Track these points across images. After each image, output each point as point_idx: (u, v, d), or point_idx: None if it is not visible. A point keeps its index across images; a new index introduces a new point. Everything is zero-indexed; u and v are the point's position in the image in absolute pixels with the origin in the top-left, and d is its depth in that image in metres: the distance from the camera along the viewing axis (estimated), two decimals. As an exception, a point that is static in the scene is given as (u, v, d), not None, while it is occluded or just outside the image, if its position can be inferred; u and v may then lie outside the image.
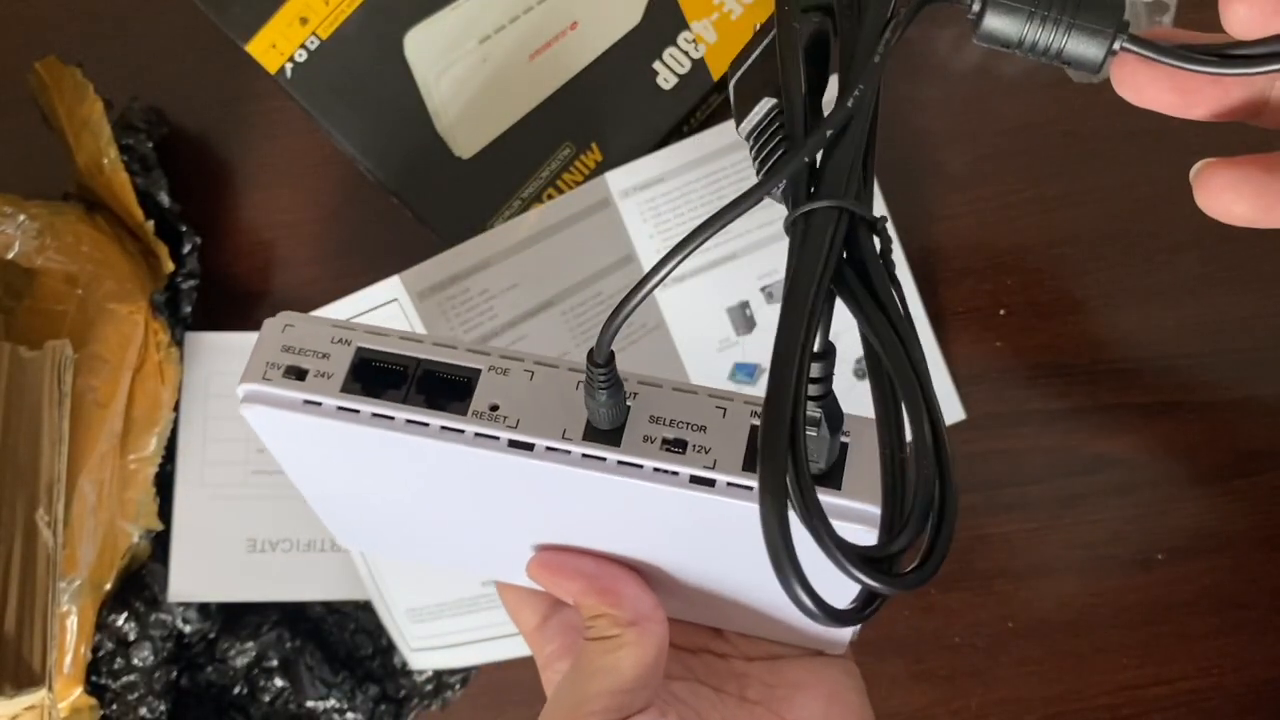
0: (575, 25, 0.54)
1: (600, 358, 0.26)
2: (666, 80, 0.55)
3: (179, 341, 0.54)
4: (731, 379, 0.54)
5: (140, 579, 0.54)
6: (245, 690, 0.55)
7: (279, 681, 0.54)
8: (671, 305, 0.54)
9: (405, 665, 0.55)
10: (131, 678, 0.53)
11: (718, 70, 0.55)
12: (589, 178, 0.54)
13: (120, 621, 0.53)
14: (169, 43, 0.59)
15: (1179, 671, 0.54)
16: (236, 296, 0.58)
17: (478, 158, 0.54)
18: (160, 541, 0.55)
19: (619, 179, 0.53)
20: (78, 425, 0.49)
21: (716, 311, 0.54)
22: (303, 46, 0.53)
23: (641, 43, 0.54)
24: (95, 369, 0.50)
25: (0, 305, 0.51)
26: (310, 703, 0.54)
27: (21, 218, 0.51)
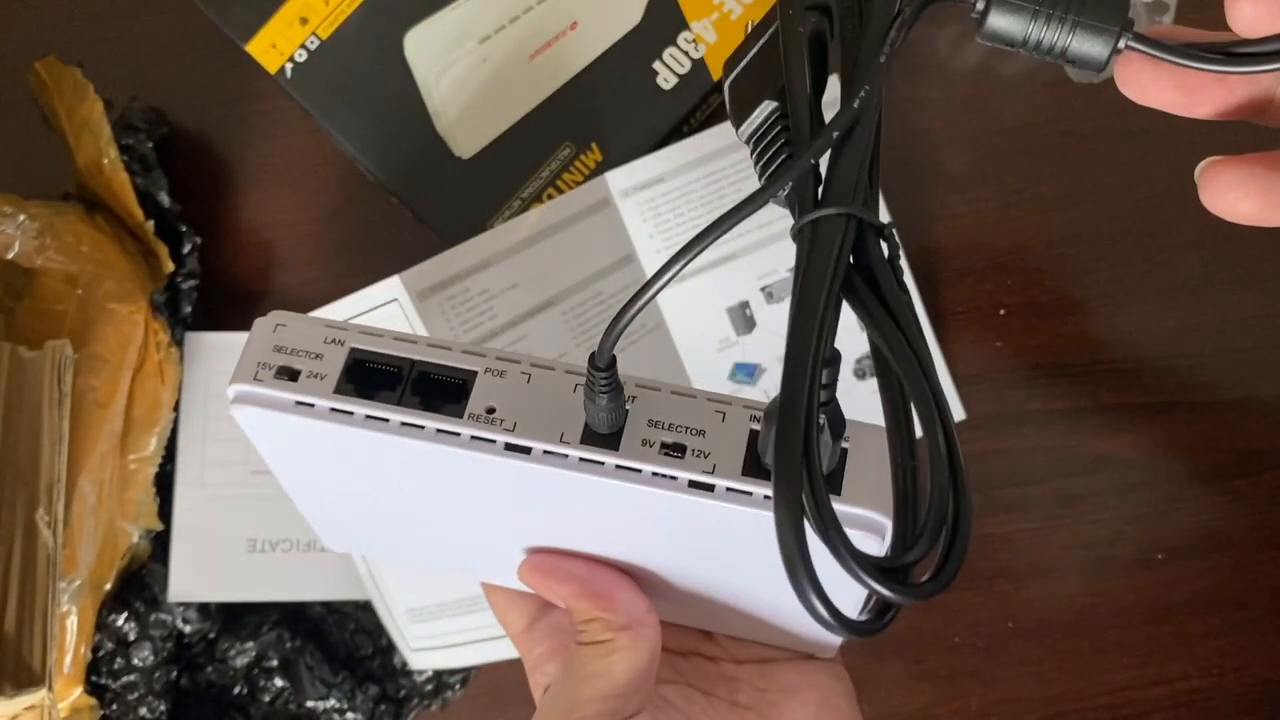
0: (575, 25, 0.54)
1: (602, 362, 0.26)
2: (666, 80, 0.55)
3: (179, 341, 0.54)
4: (731, 379, 0.54)
5: (140, 579, 0.54)
6: (245, 690, 0.55)
7: (279, 681, 0.54)
8: (671, 305, 0.54)
9: (405, 665, 0.55)
10: (131, 678, 0.53)
11: (718, 70, 0.55)
12: (589, 178, 0.54)
13: (120, 621, 0.53)
14: (169, 43, 0.59)
15: (1179, 671, 0.54)
16: (236, 296, 0.58)
17: (478, 158, 0.54)
18: (160, 541, 0.55)
19: (619, 179, 0.53)
20: (78, 425, 0.49)
21: (716, 311, 0.54)
22: (303, 46, 0.53)
23: (641, 43, 0.54)
24: (95, 369, 0.50)
25: (0, 305, 0.51)
26: (310, 703, 0.54)
27: (21, 218, 0.51)
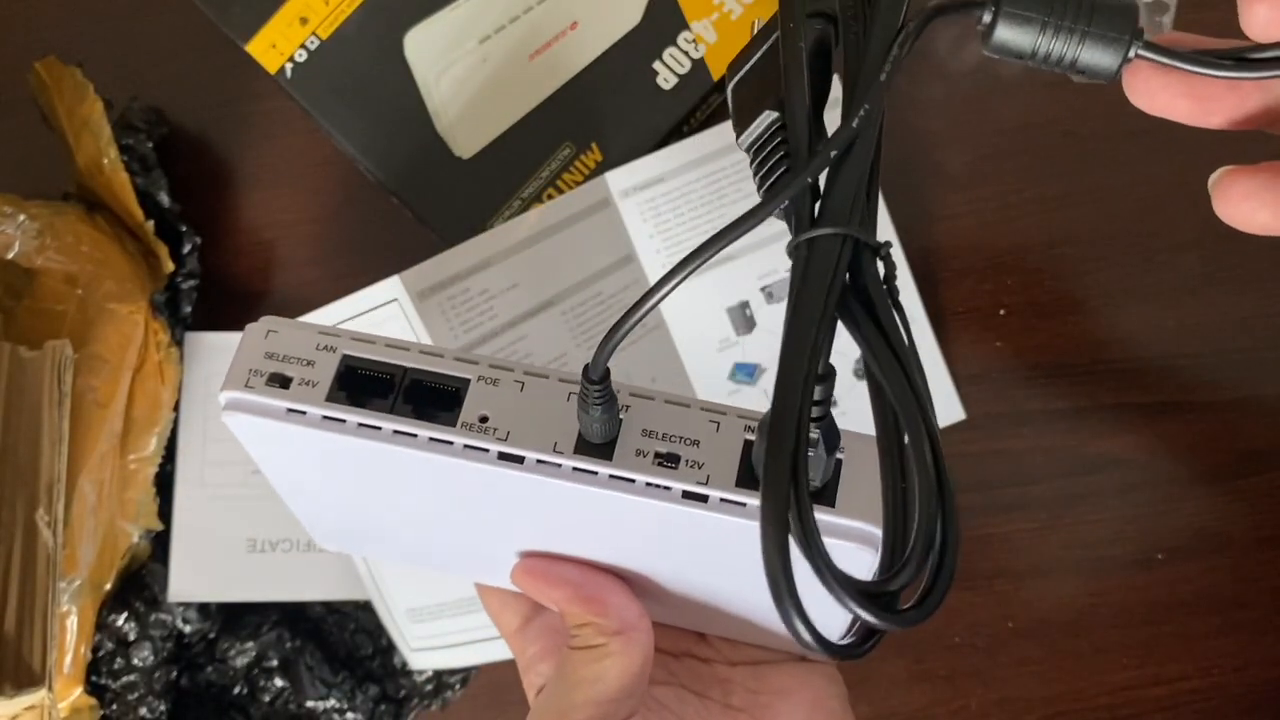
0: (575, 25, 0.54)
1: (596, 375, 0.26)
2: (666, 80, 0.55)
3: (179, 341, 0.54)
4: (731, 379, 0.54)
5: (140, 579, 0.54)
6: (245, 690, 0.55)
7: (279, 681, 0.54)
8: (671, 305, 0.54)
9: (405, 665, 0.55)
10: (131, 678, 0.53)
11: (718, 70, 0.55)
12: (589, 178, 0.54)
13: (120, 621, 0.53)
14: (169, 43, 0.59)
15: (1179, 671, 0.54)
16: (236, 296, 0.58)
17: (478, 158, 0.54)
18: (160, 541, 0.55)
19: (619, 179, 0.53)
20: (78, 425, 0.49)
21: (716, 311, 0.54)
22: (303, 46, 0.53)
23: (641, 43, 0.54)
24: (95, 369, 0.50)
25: (0, 305, 0.51)
26: (310, 703, 0.54)
27: (21, 218, 0.51)
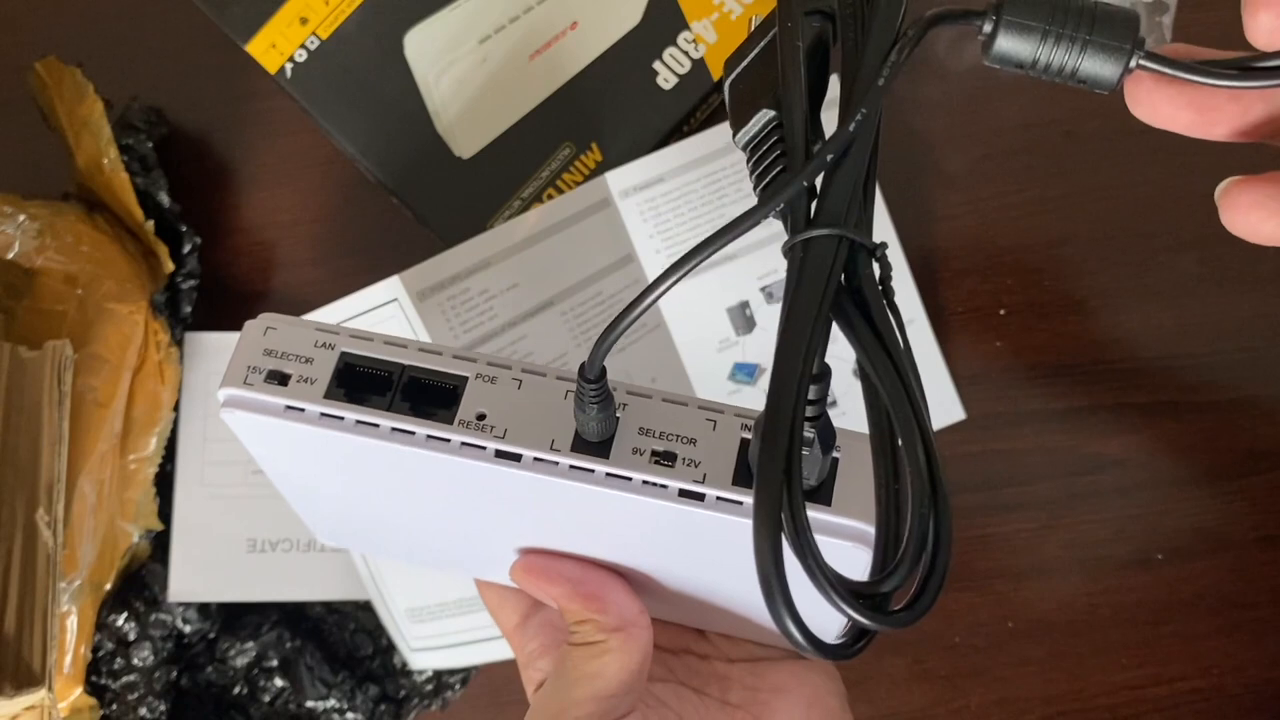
0: (575, 25, 0.54)
1: (592, 374, 0.26)
2: (666, 80, 0.55)
3: (179, 341, 0.54)
4: (731, 379, 0.54)
5: (140, 579, 0.54)
6: (245, 690, 0.55)
7: (279, 681, 0.54)
8: (671, 305, 0.54)
9: (405, 665, 0.55)
10: (131, 678, 0.53)
11: (717, 70, 0.55)
12: (589, 178, 0.54)
13: (120, 621, 0.53)
14: (169, 43, 0.59)
15: (1179, 671, 0.54)
16: (236, 296, 0.58)
17: (478, 158, 0.54)
18: (160, 541, 0.55)
19: (619, 179, 0.53)
20: (78, 425, 0.49)
21: (716, 311, 0.54)
22: (303, 46, 0.53)
23: (641, 43, 0.54)
24: (95, 369, 0.50)
25: (0, 305, 0.51)
26: (310, 703, 0.54)
27: (21, 218, 0.51)
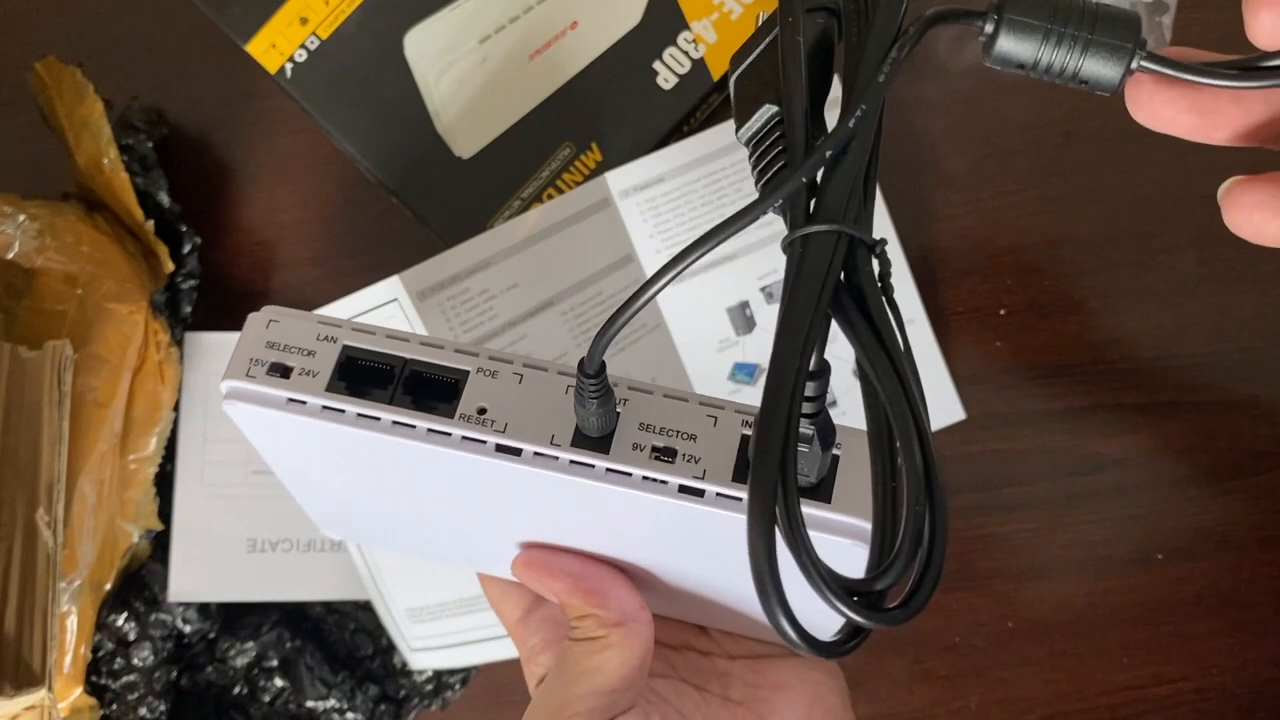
0: (575, 25, 0.54)
1: (591, 369, 0.26)
2: (666, 80, 0.55)
3: (179, 341, 0.54)
4: (731, 379, 0.54)
5: (140, 579, 0.54)
6: (245, 690, 0.55)
7: (279, 681, 0.54)
8: (671, 305, 0.54)
9: (405, 665, 0.55)
10: (131, 678, 0.53)
11: (718, 70, 0.55)
12: (589, 178, 0.54)
13: (120, 621, 0.53)
14: (169, 43, 0.59)
15: (1179, 671, 0.54)
16: (236, 296, 0.58)
17: (478, 158, 0.54)
18: (160, 541, 0.55)
19: (619, 179, 0.53)
20: (78, 425, 0.49)
21: (716, 311, 0.54)
22: (303, 46, 0.53)
23: (641, 43, 0.54)
24: (95, 369, 0.50)
25: (0, 305, 0.51)
26: (310, 703, 0.54)
27: (21, 218, 0.51)
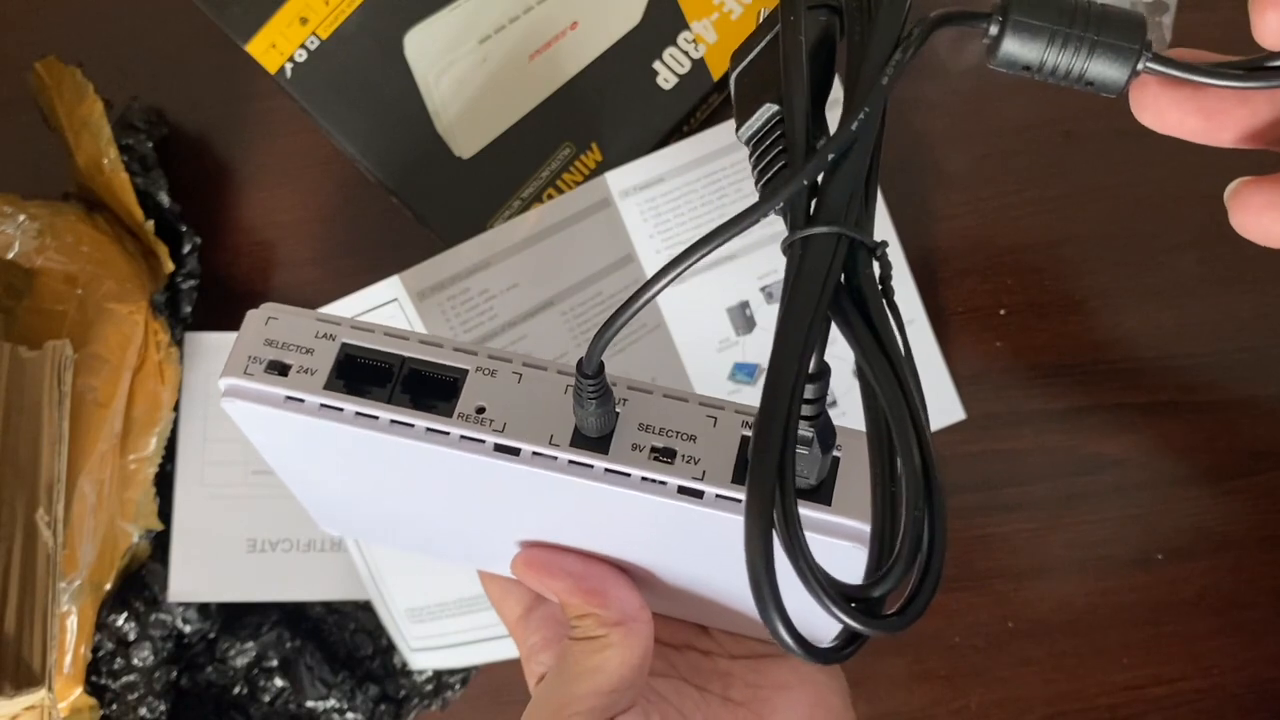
0: (575, 25, 0.54)
1: (589, 370, 0.25)
2: (666, 80, 0.55)
3: (179, 341, 0.54)
4: (731, 379, 0.54)
5: (140, 579, 0.54)
6: (245, 690, 0.55)
7: (279, 681, 0.54)
8: (671, 305, 0.54)
9: (405, 665, 0.55)
10: (131, 678, 0.53)
11: (718, 70, 0.55)
12: (589, 178, 0.54)
13: (120, 621, 0.53)
14: (169, 43, 0.59)
15: (1179, 671, 0.54)
16: (236, 296, 0.58)
17: (478, 158, 0.54)
18: (160, 541, 0.55)
19: (619, 179, 0.53)
20: (78, 425, 0.49)
21: (716, 311, 0.54)
22: (302, 46, 0.53)
23: (641, 43, 0.54)
24: (95, 369, 0.50)
25: (0, 305, 0.51)
26: (310, 703, 0.54)
27: (21, 218, 0.51)
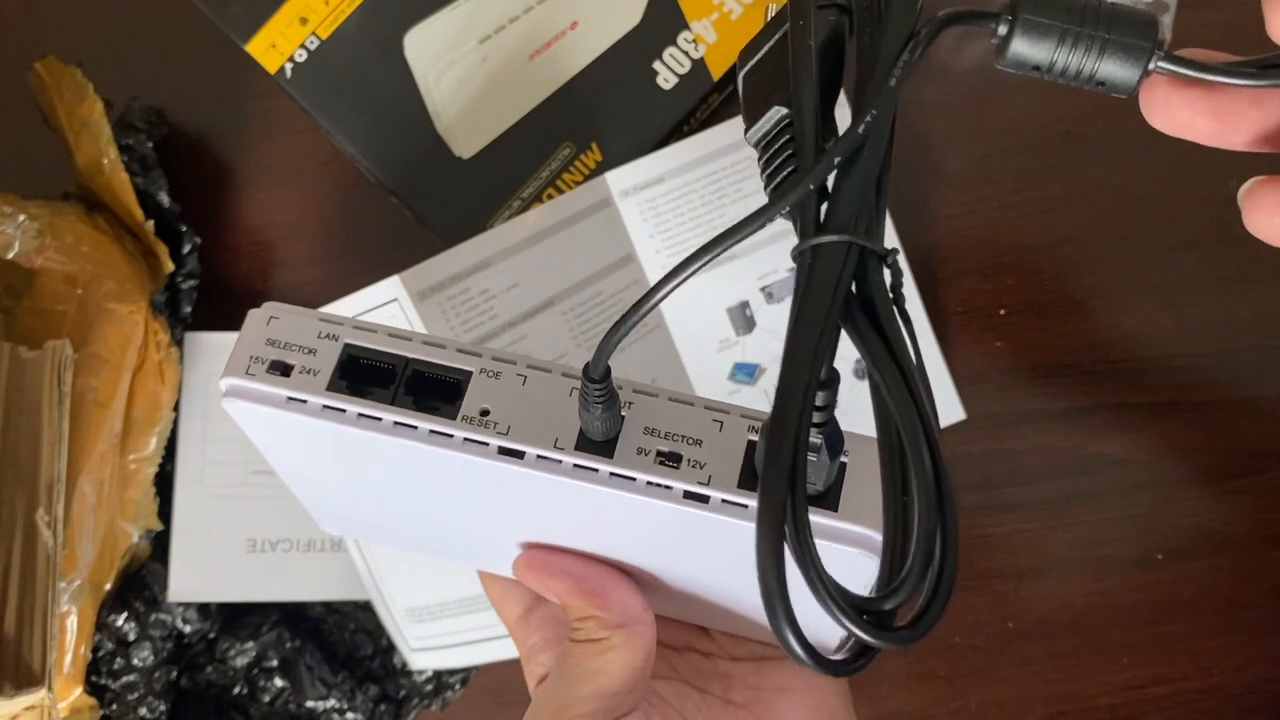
0: (575, 25, 0.54)
1: (596, 374, 0.25)
2: (666, 80, 0.55)
3: (179, 341, 0.54)
4: (731, 379, 0.54)
5: (140, 579, 0.54)
6: (245, 690, 0.55)
7: (279, 681, 0.54)
8: (671, 305, 0.54)
9: (405, 665, 0.55)
10: (131, 678, 0.53)
11: (718, 70, 0.55)
12: (589, 178, 0.54)
13: (120, 621, 0.53)
14: (169, 43, 0.59)
15: (1179, 671, 0.54)
16: (236, 296, 0.58)
17: (478, 158, 0.54)
18: (160, 541, 0.55)
19: (619, 179, 0.53)
20: (78, 425, 0.49)
21: (716, 311, 0.54)
22: (302, 46, 0.53)
23: (641, 43, 0.54)
24: (95, 369, 0.50)
25: (0, 305, 0.51)
26: (310, 703, 0.54)
27: (21, 218, 0.51)
